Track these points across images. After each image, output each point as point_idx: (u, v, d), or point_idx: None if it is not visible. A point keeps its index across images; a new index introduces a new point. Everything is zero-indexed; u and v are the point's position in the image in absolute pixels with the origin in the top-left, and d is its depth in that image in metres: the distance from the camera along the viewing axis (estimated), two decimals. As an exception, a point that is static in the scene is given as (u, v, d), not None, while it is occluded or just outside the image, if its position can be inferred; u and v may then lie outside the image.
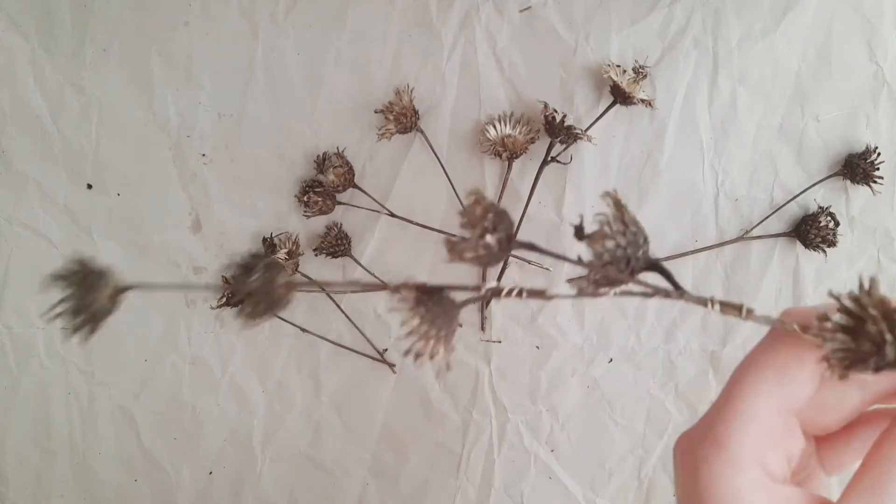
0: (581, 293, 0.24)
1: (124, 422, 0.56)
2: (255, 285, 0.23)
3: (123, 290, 0.24)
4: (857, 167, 0.49)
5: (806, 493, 0.24)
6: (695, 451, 0.24)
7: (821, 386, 0.24)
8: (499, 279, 0.53)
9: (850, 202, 0.51)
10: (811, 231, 0.49)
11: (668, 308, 0.52)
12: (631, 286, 0.23)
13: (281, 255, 0.51)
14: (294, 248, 0.52)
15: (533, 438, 0.54)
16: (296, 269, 0.52)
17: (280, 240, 0.53)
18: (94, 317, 0.24)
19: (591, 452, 0.53)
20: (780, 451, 0.24)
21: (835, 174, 0.50)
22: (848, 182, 0.50)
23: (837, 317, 0.21)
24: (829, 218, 0.50)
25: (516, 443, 0.54)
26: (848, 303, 0.21)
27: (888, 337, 0.20)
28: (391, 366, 0.54)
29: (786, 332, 0.24)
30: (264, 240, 0.53)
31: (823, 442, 0.27)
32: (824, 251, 0.50)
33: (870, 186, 0.49)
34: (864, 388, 0.25)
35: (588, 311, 0.53)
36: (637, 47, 0.51)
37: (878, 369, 0.21)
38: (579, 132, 0.49)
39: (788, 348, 0.24)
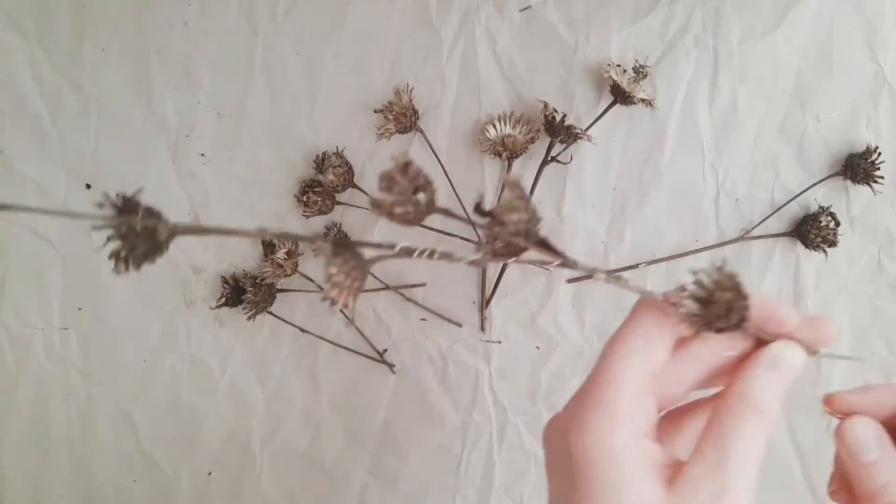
0: (480, 262, 0.27)
1: (123, 422, 0.56)
2: (136, 227, 0.23)
3: (176, 232, 0.25)
4: (858, 167, 0.49)
5: (666, 451, 0.27)
6: (573, 421, 0.27)
7: (671, 357, 0.28)
8: (498, 278, 0.53)
9: (850, 202, 0.50)
10: (812, 231, 0.49)
11: (669, 308, 0.52)
12: (528, 255, 0.27)
13: (280, 254, 0.50)
14: (293, 248, 0.52)
15: (533, 439, 0.54)
16: (295, 269, 0.52)
17: (279, 239, 0.53)
18: (146, 252, 0.24)
19: (592, 453, 0.53)
20: (645, 412, 0.27)
21: (835, 174, 0.50)
22: (849, 182, 0.50)
23: (693, 288, 0.26)
24: (829, 218, 0.50)
25: (516, 444, 0.54)
26: (703, 277, 0.26)
27: (738, 304, 0.26)
28: (390, 366, 0.54)
29: (646, 308, 0.29)
30: (263, 240, 0.53)
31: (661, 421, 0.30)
32: (825, 251, 0.50)
33: (870, 186, 0.49)
34: (700, 361, 0.29)
35: (588, 311, 0.53)
36: (637, 47, 0.51)
37: (719, 330, 0.27)
38: (579, 132, 0.48)
39: (651, 318, 0.28)
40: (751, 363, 0.28)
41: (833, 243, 0.49)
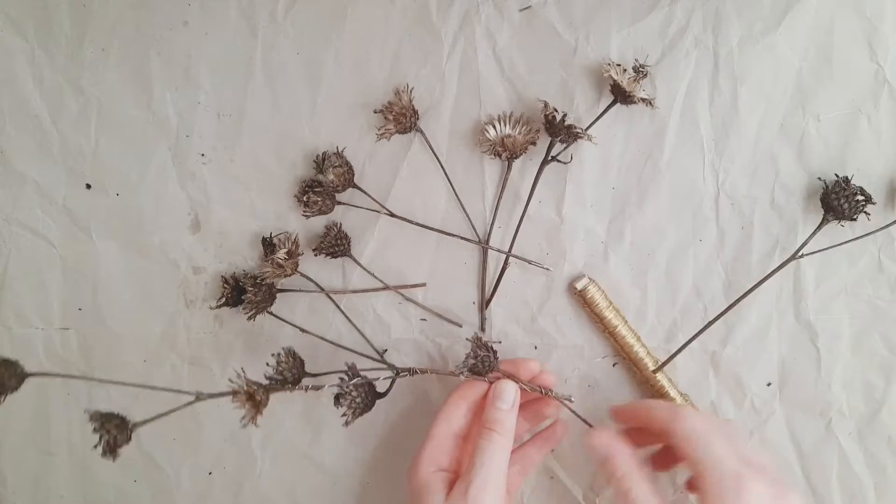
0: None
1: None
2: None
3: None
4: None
5: (446, 475, 0.45)
6: (410, 463, 0.46)
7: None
8: (498, 279, 0.53)
9: (850, 202, 0.50)
10: (841, 202, 0.47)
11: (669, 308, 0.52)
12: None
13: (280, 255, 0.50)
14: (293, 247, 0.52)
15: (533, 439, 0.54)
16: (295, 269, 0.52)
17: (279, 240, 0.53)
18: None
19: (592, 453, 0.53)
20: (447, 455, 0.46)
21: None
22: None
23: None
24: (860, 194, 0.48)
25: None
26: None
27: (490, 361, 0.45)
28: (391, 366, 0.54)
29: (454, 395, 0.48)
30: (264, 240, 0.53)
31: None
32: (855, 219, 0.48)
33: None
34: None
35: (588, 311, 0.53)
36: (637, 47, 0.51)
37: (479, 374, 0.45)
38: (580, 131, 0.48)
39: (454, 400, 0.47)
40: (486, 401, 0.46)
41: (864, 212, 0.48)
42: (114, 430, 0.41)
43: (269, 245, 0.53)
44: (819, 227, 0.49)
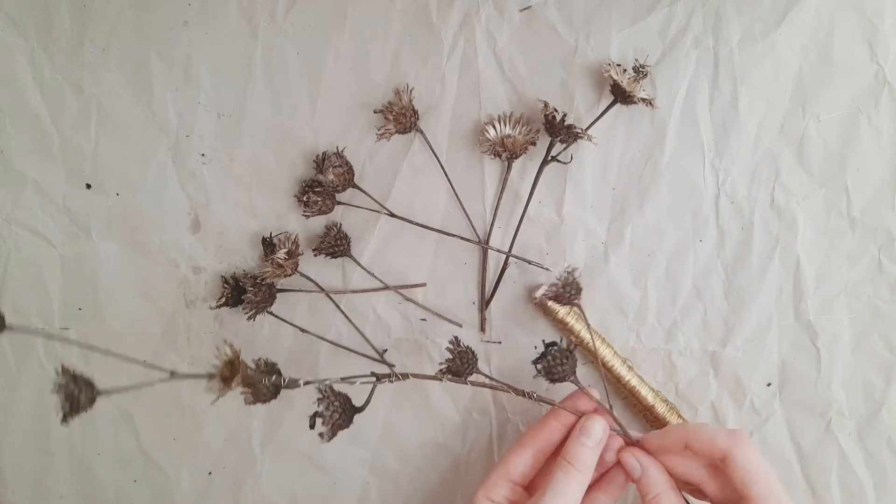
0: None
1: (123, 422, 0.56)
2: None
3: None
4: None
5: None
6: None
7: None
8: (498, 279, 0.53)
9: (850, 202, 0.51)
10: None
11: (669, 308, 0.52)
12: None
13: (280, 255, 0.50)
14: (293, 248, 0.52)
15: (533, 439, 0.54)
16: (295, 269, 0.52)
17: (279, 240, 0.53)
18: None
19: (592, 453, 0.53)
20: (501, 493, 0.45)
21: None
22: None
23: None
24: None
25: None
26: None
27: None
28: (391, 366, 0.54)
29: (513, 452, 0.47)
30: (264, 240, 0.53)
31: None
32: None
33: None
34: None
35: (588, 311, 0.53)
36: (637, 47, 0.51)
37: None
38: (580, 131, 0.48)
39: (514, 454, 0.47)
40: (571, 434, 0.45)
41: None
42: (81, 388, 0.38)
43: (269, 245, 0.53)
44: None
